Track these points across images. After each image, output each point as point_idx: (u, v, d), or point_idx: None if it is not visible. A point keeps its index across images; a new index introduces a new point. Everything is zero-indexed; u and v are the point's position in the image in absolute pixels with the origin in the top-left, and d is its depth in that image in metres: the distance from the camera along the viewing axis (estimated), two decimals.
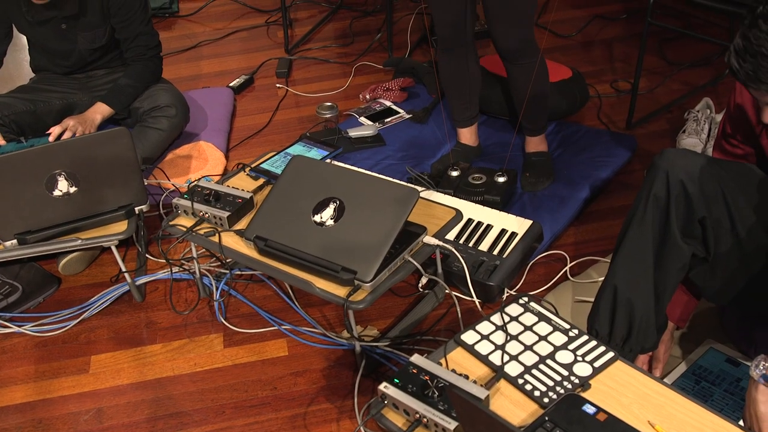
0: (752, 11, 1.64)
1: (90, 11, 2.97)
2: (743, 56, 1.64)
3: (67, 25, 2.99)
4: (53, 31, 3.01)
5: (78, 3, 2.93)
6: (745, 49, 1.63)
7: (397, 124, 3.28)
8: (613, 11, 4.16)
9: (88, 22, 3.00)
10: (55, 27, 3.00)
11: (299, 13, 4.46)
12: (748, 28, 1.63)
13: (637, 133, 3.16)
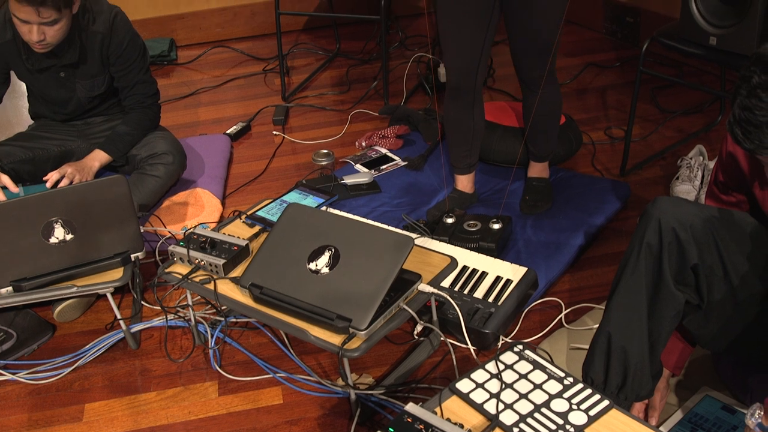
0: (747, 81, 1.66)
1: (90, 60, 3.00)
2: (746, 127, 1.66)
3: (66, 73, 3.02)
4: (52, 79, 3.04)
5: (78, 51, 2.96)
6: (748, 120, 1.65)
7: (393, 171, 3.31)
8: (606, 59, 4.21)
9: (87, 71, 3.03)
10: (54, 75, 3.03)
11: (296, 61, 4.51)
12: (747, 98, 1.65)
13: (630, 180, 3.19)
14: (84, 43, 2.96)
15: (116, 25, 2.99)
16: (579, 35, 4.53)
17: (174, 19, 4.75)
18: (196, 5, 4.76)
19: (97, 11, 2.96)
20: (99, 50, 3.00)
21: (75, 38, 2.93)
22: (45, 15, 2.70)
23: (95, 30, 2.95)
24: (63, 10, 2.74)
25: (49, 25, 2.75)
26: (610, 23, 4.42)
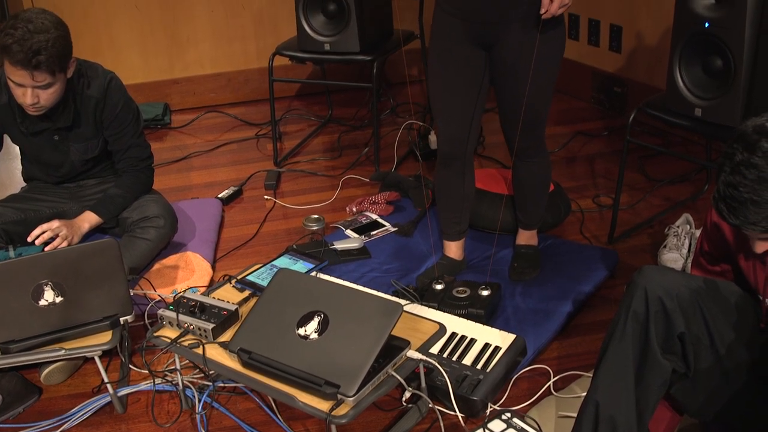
0: (730, 158, 1.70)
1: (84, 123, 3.04)
2: (731, 204, 1.71)
3: (59, 136, 3.05)
4: (46, 142, 3.07)
5: (72, 115, 3.00)
6: (732, 197, 1.69)
7: (383, 237, 3.33)
8: (594, 128, 4.28)
9: (81, 134, 3.06)
10: (48, 138, 3.06)
11: (289, 127, 4.57)
12: (731, 175, 1.69)
13: (618, 247, 3.21)
14: (78, 107, 3.00)
15: (110, 89, 3.03)
16: (568, 104, 4.60)
17: (169, 83, 4.81)
18: (191, 70, 4.83)
19: (92, 76, 3.01)
20: (93, 114, 3.03)
21: (69, 102, 2.97)
22: (39, 78, 2.74)
23: (90, 94, 2.99)
24: (57, 74, 2.78)
25: (43, 89, 2.79)
26: (598, 93, 4.50)
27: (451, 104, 2.74)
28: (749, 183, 1.67)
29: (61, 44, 2.75)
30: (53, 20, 2.78)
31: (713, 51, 2.81)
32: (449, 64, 2.69)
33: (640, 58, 4.21)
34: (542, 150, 2.88)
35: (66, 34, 2.81)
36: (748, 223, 1.71)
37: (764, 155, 1.66)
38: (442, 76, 2.72)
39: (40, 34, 2.70)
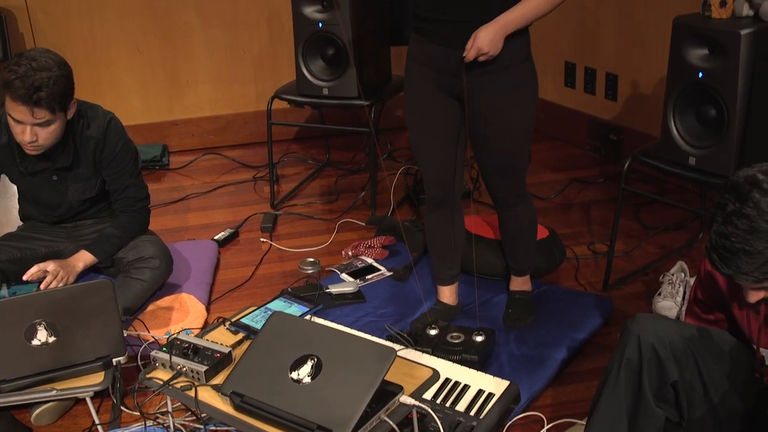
0: (722, 208, 1.72)
1: (83, 164, 3.05)
2: (723, 254, 1.72)
3: (58, 176, 3.07)
4: (44, 182, 3.08)
5: (72, 155, 3.02)
6: (724, 247, 1.71)
7: (378, 281, 3.33)
8: (590, 175, 4.30)
9: (80, 174, 3.08)
10: (46, 178, 3.07)
11: (286, 170, 4.59)
12: (723, 225, 1.71)
13: (613, 294, 3.21)
14: (78, 147, 3.02)
15: (110, 130, 3.05)
16: (564, 151, 4.63)
17: (168, 125, 4.84)
18: (190, 112, 4.86)
19: (92, 116, 3.03)
20: (92, 154, 3.05)
21: (69, 142, 2.99)
22: (39, 115, 2.76)
23: (89, 134, 3.02)
24: (57, 112, 2.80)
25: (42, 127, 2.80)
26: (594, 140, 4.53)
27: (431, 152, 2.76)
28: (741, 233, 1.68)
29: (62, 83, 2.79)
30: (57, 60, 2.81)
31: (707, 101, 2.84)
32: (425, 114, 2.71)
33: (635, 106, 4.25)
34: (524, 198, 2.88)
35: (68, 74, 2.84)
36: (740, 273, 1.72)
37: (755, 206, 1.67)
38: (419, 125, 2.74)
39: (42, 72, 2.73)
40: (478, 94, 2.62)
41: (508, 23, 2.50)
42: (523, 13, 2.51)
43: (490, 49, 2.49)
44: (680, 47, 2.85)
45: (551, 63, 4.68)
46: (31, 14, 4.49)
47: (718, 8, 2.81)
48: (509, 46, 2.55)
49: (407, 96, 2.77)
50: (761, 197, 1.68)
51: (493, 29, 2.48)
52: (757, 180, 1.70)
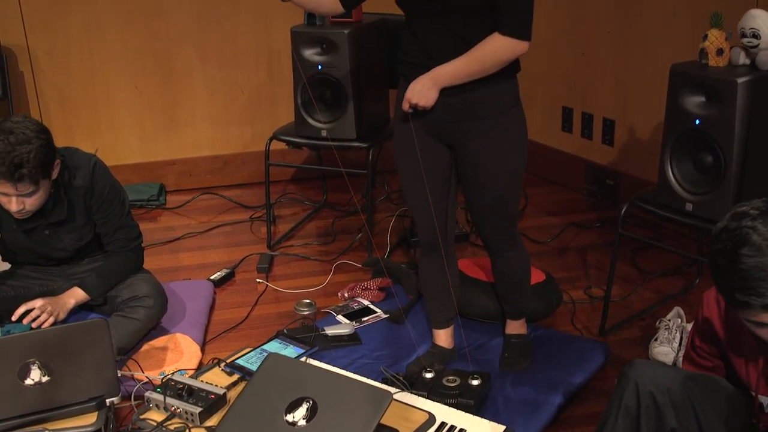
0: (720, 241, 1.72)
1: (77, 214, 3.04)
2: (740, 283, 1.71)
3: (50, 230, 3.05)
4: (38, 236, 3.06)
5: (65, 208, 3.00)
6: (739, 274, 1.70)
7: (374, 323, 3.32)
8: (586, 219, 4.31)
9: (74, 225, 3.06)
10: (39, 233, 3.05)
11: (283, 210, 4.59)
12: (731, 263, 1.71)
13: (610, 339, 3.20)
14: (71, 200, 3.01)
15: (95, 175, 3.03)
16: (561, 195, 4.64)
17: (165, 164, 4.85)
18: (188, 152, 4.88)
19: (76, 165, 3.01)
20: (83, 202, 3.04)
21: (62, 196, 2.98)
22: (22, 189, 2.75)
23: (77, 184, 3.00)
24: (41, 181, 2.79)
25: (28, 197, 2.79)
26: (591, 185, 4.55)
27: (423, 197, 2.76)
28: (750, 253, 1.68)
29: (43, 153, 2.76)
30: (35, 128, 2.78)
31: (704, 147, 2.85)
32: (415, 160, 2.72)
33: (632, 151, 4.27)
34: (516, 243, 2.88)
35: (48, 141, 2.81)
36: (749, 307, 1.71)
37: (753, 229, 1.69)
38: (409, 170, 2.74)
39: (22, 146, 2.70)
40: (466, 141, 2.63)
41: (440, 77, 2.52)
42: (455, 69, 2.51)
43: (419, 100, 2.52)
44: (677, 94, 2.88)
45: (548, 108, 4.71)
46: (32, 53, 4.52)
47: (714, 56, 2.83)
48: (497, 92, 2.57)
49: (396, 141, 2.77)
50: (757, 220, 1.70)
51: (422, 82, 2.52)
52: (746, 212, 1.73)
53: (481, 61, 2.48)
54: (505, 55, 2.47)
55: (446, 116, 2.60)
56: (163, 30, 4.63)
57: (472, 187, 2.72)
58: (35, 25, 4.48)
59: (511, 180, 2.70)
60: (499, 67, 2.50)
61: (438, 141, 2.69)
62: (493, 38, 2.45)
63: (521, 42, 2.45)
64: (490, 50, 2.47)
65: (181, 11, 4.62)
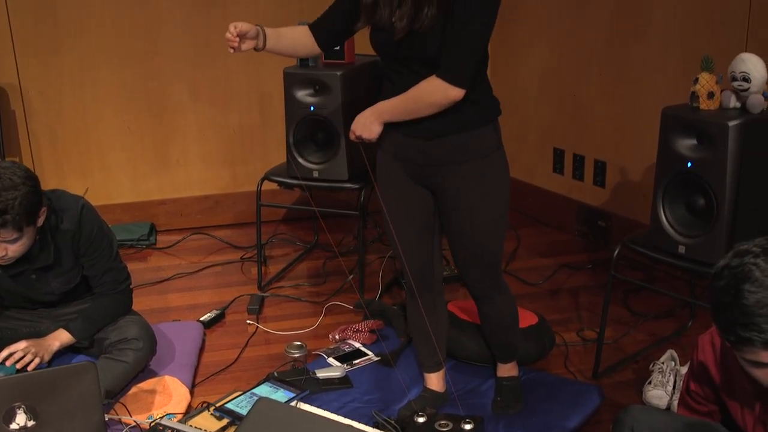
0: (727, 284, 1.72)
1: (64, 258, 3.01)
2: (741, 319, 1.71)
3: (37, 275, 3.01)
4: (24, 281, 3.03)
5: (52, 253, 2.97)
6: (741, 309, 1.70)
7: (365, 366, 3.29)
8: (579, 261, 4.30)
9: (62, 269, 3.03)
10: (26, 278, 3.02)
11: (274, 251, 4.57)
12: (734, 299, 1.70)
13: (603, 382, 3.18)
14: (58, 244, 2.98)
15: (83, 218, 3.00)
16: (552, 237, 4.64)
17: (156, 204, 4.84)
18: (179, 192, 4.87)
19: (64, 209, 2.98)
20: (71, 246, 3.01)
21: (48, 241, 2.95)
22: (5, 235, 2.72)
23: (65, 228, 2.97)
24: (25, 228, 2.76)
25: (11, 243, 2.76)
26: (583, 226, 4.55)
27: (408, 241, 2.75)
28: (752, 289, 1.68)
29: (29, 200, 2.73)
30: (22, 174, 2.75)
31: (696, 190, 2.86)
32: (399, 204, 2.72)
33: (624, 192, 4.28)
34: (502, 288, 2.85)
35: (35, 188, 2.78)
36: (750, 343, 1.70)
37: (755, 265, 1.69)
38: (393, 214, 2.73)
39: (8, 192, 2.67)
40: (447, 185, 2.62)
41: (381, 111, 2.55)
42: (393, 105, 2.54)
43: (362, 132, 2.55)
44: (669, 137, 2.88)
45: (540, 149, 4.73)
46: (24, 92, 4.52)
47: (706, 100, 2.85)
48: (477, 136, 2.56)
49: (381, 185, 2.77)
50: (759, 257, 1.71)
51: (365, 115, 2.56)
52: (748, 249, 1.74)
53: (414, 100, 2.49)
54: (436, 97, 2.45)
55: (427, 160, 2.60)
56: (156, 70, 4.64)
57: (454, 233, 2.70)
58: (28, 64, 4.49)
59: (492, 227, 2.67)
60: (432, 109, 2.48)
61: (420, 185, 2.68)
62: (428, 80, 2.44)
63: (454, 87, 2.42)
64: (423, 91, 2.46)
65: (174, 51, 4.63)
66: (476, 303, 2.88)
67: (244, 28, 2.52)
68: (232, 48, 2.53)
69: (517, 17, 4.65)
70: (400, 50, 2.48)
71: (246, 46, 2.57)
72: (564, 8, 4.41)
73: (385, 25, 2.48)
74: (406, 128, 2.58)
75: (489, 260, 2.73)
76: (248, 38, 2.56)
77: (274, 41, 2.62)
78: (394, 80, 2.56)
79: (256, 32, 2.57)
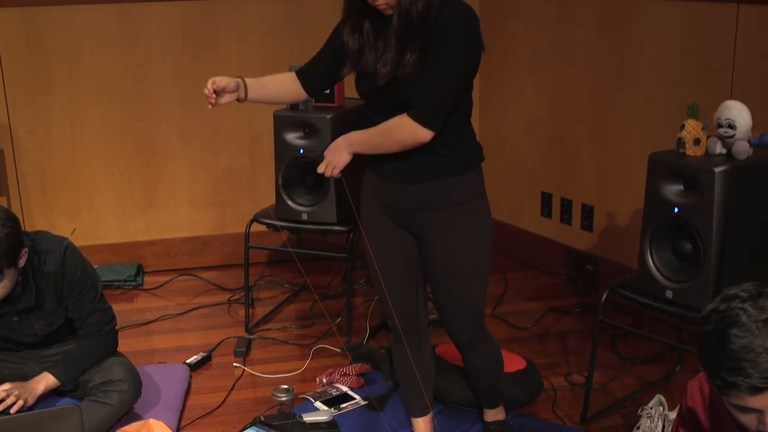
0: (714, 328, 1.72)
1: (46, 300, 2.98)
2: (727, 363, 1.71)
3: (19, 317, 2.98)
4: (6, 323, 2.99)
5: (34, 295, 2.94)
6: (726, 352, 1.71)
7: (353, 410, 3.27)
8: (567, 305, 4.30)
9: (44, 311, 3.00)
10: (7, 320, 2.99)
11: (262, 293, 4.56)
12: (720, 343, 1.71)
13: (591, 428, 3.17)
14: (39, 286, 2.95)
15: (67, 259, 2.97)
16: (540, 280, 4.64)
17: (144, 245, 4.82)
18: (167, 233, 4.86)
19: (47, 250, 2.96)
20: (54, 288, 2.98)
21: (30, 283, 2.92)
22: None
23: (48, 270, 2.94)
24: (6, 270, 2.74)
25: None
26: (571, 270, 4.55)
27: (392, 284, 2.74)
28: (740, 333, 1.68)
29: (9, 242, 2.71)
30: (2, 216, 2.74)
31: (683, 235, 2.87)
32: (383, 248, 2.71)
33: (611, 237, 4.29)
34: (485, 337, 2.81)
35: (15, 230, 2.76)
36: (755, 389, 1.70)
37: (743, 310, 1.70)
38: (378, 258, 2.72)
39: None
40: (428, 230, 2.61)
41: (353, 141, 2.55)
42: (363, 137, 2.55)
43: (331, 158, 2.56)
44: (656, 183, 2.91)
45: (528, 193, 4.75)
46: (14, 132, 4.52)
47: (692, 146, 2.87)
48: (460, 182, 2.56)
49: (365, 229, 2.76)
50: (747, 302, 1.71)
51: (337, 142, 2.57)
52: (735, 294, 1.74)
53: (383, 134, 2.49)
54: (403, 135, 2.45)
55: (408, 204, 2.60)
56: (146, 111, 4.66)
57: (435, 280, 2.69)
58: (18, 103, 4.49)
59: (472, 275, 2.65)
60: (399, 147, 2.48)
61: (403, 229, 2.68)
62: (399, 117, 2.45)
63: (423, 128, 2.41)
64: (393, 126, 2.47)
65: (164, 93, 4.65)
66: (460, 352, 2.86)
67: (222, 83, 2.55)
68: (210, 104, 2.56)
69: (504, 63, 4.70)
70: (383, 95, 2.49)
71: (225, 99, 2.59)
72: (551, 54, 4.46)
73: (370, 70, 2.50)
74: (389, 172, 2.59)
75: (470, 309, 2.70)
76: (227, 92, 2.59)
77: (255, 92, 2.65)
78: (377, 123, 2.58)
79: (236, 85, 2.60)
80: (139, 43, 4.58)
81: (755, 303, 1.72)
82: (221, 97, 2.57)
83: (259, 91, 2.66)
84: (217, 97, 2.56)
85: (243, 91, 2.62)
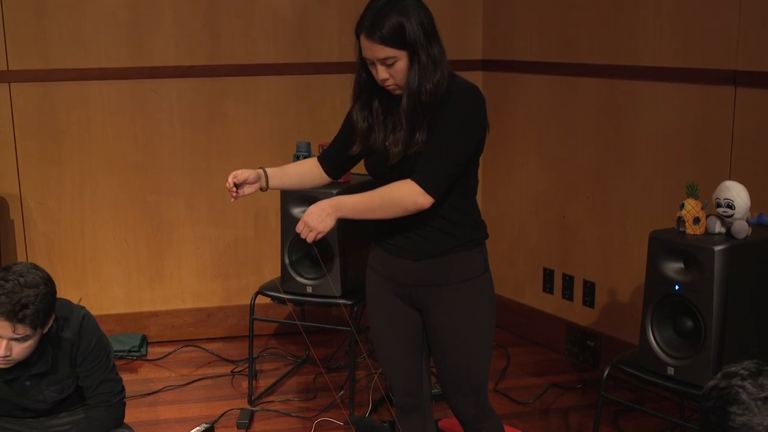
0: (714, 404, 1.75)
1: (61, 367, 3.01)
2: None
3: (31, 382, 3.00)
4: (17, 387, 3.01)
5: (50, 361, 2.97)
6: None
7: None
8: (569, 381, 4.31)
9: (57, 377, 3.02)
10: (20, 384, 3.00)
11: (265, 365, 4.57)
12: (720, 420, 1.73)
13: None
14: (54, 351, 2.98)
15: (83, 328, 3.00)
16: (542, 356, 4.65)
17: (148, 315, 4.85)
18: (172, 304, 4.89)
19: (66, 317, 2.98)
20: (69, 355, 3.01)
21: (47, 348, 2.95)
22: (20, 331, 2.71)
23: (65, 337, 2.97)
24: (37, 329, 2.78)
25: (19, 342, 2.76)
26: (572, 346, 4.57)
27: (396, 360, 2.76)
28: (738, 411, 1.70)
29: (48, 301, 2.76)
30: (44, 276, 2.79)
31: (684, 312, 2.91)
32: (386, 322, 2.74)
33: (612, 313, 4.32)
34: (489, 414, 2.80)
35: (54, 291, 2.82)
36: None
37: (743, 388, 1.72)
38: (381, 333, 2.76)
39: (30, 289, 2.70)
40: (432, 307, 2.63)
41: (341, 205, 2.50)
42: (357, 201, 2.51)
43: (314, 223, 2.48)
44: (656, 260, 2.96)
45: (530, 269, 4.79)
46: (24, 203, 4.59)
47: (692, 225, 2.93)
48: (464, 258, 2.59)
49: (369, 304, 2.79)
50: (747, 380, 1.73)
51: (321, 206, 2.50)
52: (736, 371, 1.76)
53: (382, 197, 2.48)
54: (405, 200, 2.44)
55: (413, 280, 2.63)
56: (155, 184, 4.74)
57: (439, 354, 2.70)
58: (30, 175, 4.58)
59: (475, 352, 2.66)
60: (397, 211, 2.47)
61: (407, 304, 2.70)
62: (402, 181, 2.46)
63: (425, 194, 2.42)
64: (394, 190, 2.46)
65: (173, 167, 4.74)
66: (463, 427, 2.85)
67: (243, 175, 2.63)
68: (232, 197, 2.63)
69: (507, 142, 4.79)
70: (392, 173, 2.54)
71: (247, 191, 2.67)
72: (554, 134, 4.55)
73: (379, 148, 2.57)
74: (395, 248, 2.63)
75: (473, 385, 2.70)
76: (248, 183, 2.66)
77: (277, 180, 2.72)
78: None
79: (257, 176, 2.68)
80: (150, 117, 4.68)
81: (755, 381, 1.75)
82: (242, 189, 2.65)
83: (281, 179, 2.73)
84: (238, 190, 2.63)
85: (264, 180, 2.69)
